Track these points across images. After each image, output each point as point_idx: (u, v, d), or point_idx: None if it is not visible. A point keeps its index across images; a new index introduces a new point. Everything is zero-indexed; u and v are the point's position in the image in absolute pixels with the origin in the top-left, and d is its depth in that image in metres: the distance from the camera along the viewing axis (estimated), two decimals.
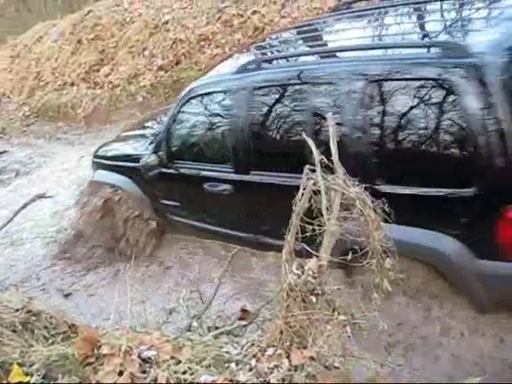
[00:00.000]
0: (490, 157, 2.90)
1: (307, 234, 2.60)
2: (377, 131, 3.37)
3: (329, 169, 2.71)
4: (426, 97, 3.14)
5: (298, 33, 4.92)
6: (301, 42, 4.60)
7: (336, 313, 2.44)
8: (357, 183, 2.68)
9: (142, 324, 3.12)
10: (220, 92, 4.49)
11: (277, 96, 4.00)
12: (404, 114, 3.23)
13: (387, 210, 2.64)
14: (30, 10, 17.26)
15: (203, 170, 4.58)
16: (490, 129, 2.86)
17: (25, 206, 6.14)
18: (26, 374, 2.50)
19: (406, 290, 3.42)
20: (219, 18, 9.44)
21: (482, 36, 3.22)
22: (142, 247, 5.37)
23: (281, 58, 4.37)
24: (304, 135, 3.01)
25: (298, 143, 3.57)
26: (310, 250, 2.51)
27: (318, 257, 2.50)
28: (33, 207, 6.41)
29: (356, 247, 2.66)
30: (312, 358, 2.36)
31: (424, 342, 3.28)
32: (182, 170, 4.78)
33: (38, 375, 2.50)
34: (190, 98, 4.68)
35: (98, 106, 10.59)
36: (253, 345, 2.55)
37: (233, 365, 2.44)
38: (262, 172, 4.07)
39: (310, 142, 2.78)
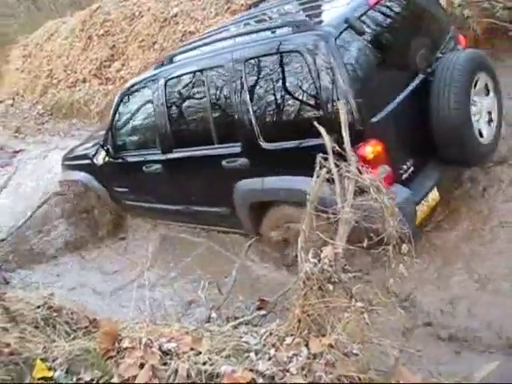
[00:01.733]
0: (335, 111, 3.45)
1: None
2: (256, 101, 4.03)
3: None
4: (288, 66, 3.86)
5: (211, 31, 5.52)
6: (208, 38, 4.97)
7: (353, 300, 2.44)
8: None
9: (162, 316, 3.14)
10: (144, 87, 5.17)
11: (183, 84, 4.74)
12: (274, 84, 3.94)
13: None
14: (39, 9, 17.31)
15: (141, 155, 5.33)
16: (333, 89, 3.52)
17: (44, 201, 6.56)
18: (50, 369, 2.54)
19: None
20: (228, 8, 9.37)
21: (326, 16, 4.06)
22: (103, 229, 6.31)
23: (184, 51, 4.91)
24: (316, 124, 3.05)
25: (203, 122, 4.53)
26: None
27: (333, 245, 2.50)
28: None
29: None
30: (331, 346, 2.36)
31: None
32: (125, 159, 5.54)
33: (61, 370, 2.53)
34: (124, 96, 5.49)
35: (110, 102, 10.59)
36: (271, 334, 2.56)
37: (252, 354, 2.45)
38: (181, 149, 4.80)
39: (322, 130, 2.78)
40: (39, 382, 2.47)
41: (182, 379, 2.33)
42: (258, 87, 4.04)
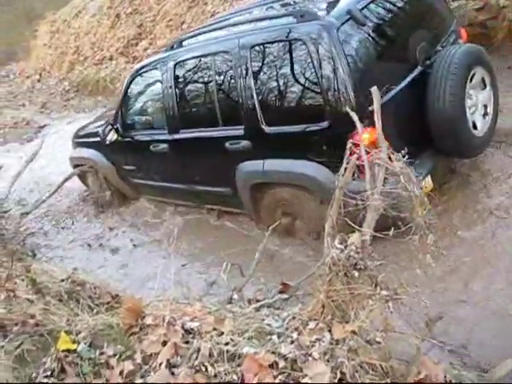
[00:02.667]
0: (335, 99, 3.72)
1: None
2: (260, 86, 4.20)
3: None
4: (291, 54, 3.99)
5: (217, 18, 5.62)
6: (217, 24, 5.06)
7: (378, 288, 2.42)
8: None
9: (184, 295, 3.16)
10: (154, 69, 5.31)
11: (191, 68, 4.90)
12: (277, 71, 4.10)
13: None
14: None
15: (148, 135, 5.49)
16: (334, 77, 3.70)
17: (68, 178, 6.73)
18: (73, 342, 2.57)
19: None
20: None
21: (329, 7, 4.09)
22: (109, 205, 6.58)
23: (194, 35, 5.05)
24: (347, 109, 3.03)
25: (209, 104, 4.71)
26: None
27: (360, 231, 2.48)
28: None
29: None
30: (354, 333, 2.35)
31: None
32: (134, 138, 5.68)
33: (85, 343, 2.56)
34: (135, 77, 5.64)
35: None
36: (294, 318, 2.56)
37: (274, 337, 2.46)
38: (187, 130, 4.97)
39: (353, 114, 2.75)
40: (63, 353, 2.50)
41: (204, 358, 2.35)
42: (262, 73, 4.20)
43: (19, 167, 6.39)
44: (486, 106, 4.29)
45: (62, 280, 3.53)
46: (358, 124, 2.67)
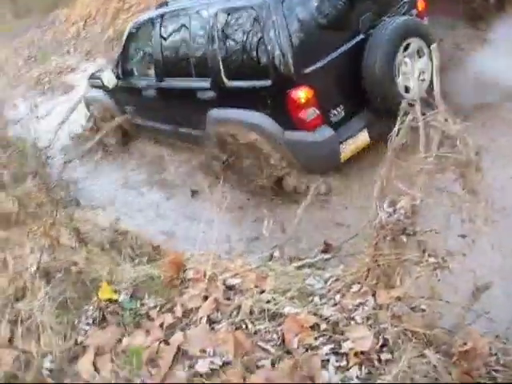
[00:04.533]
0: (277, 60, 4.35)
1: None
2: (222, 46, 4.83)
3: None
4: (245, 20, 4.62)
5: None
6: None
7: (426, 255, 2.33)
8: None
9: (226, 251, 3.14)
10: (147, 23, 6.11)
11: (174, 24, 5.61)
12: (235, 34, 4.75)
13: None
14: None
15: (142, 80, 6.33)
16: (276, 42, 4.31)
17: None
18: (115, 292, 2.59)
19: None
20: None
21: None
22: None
23: None
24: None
25: (187, 58, 5.39)
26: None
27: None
28: None
29: None
30: (398, 299, 2.30)
31: None
32: (130, 83, 6.49)
33: (126, 294, 2.58)
34: (132, 29, 6.43)
35: None
36: (337, 280, 2.51)
37: (316, 298, 2.42)
38: (170, 78, 5.75)
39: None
40: (105, 303, 2.52)
41: (244, 315, 2.33)
42: (223, 35, 4.83)
43: (63, 115, 6.43)
44: (423, 73, 4.70)
45: (105, 229, 3.56)
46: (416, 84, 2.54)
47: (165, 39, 5.75)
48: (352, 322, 2.24)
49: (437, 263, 2.31)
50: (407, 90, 4.53)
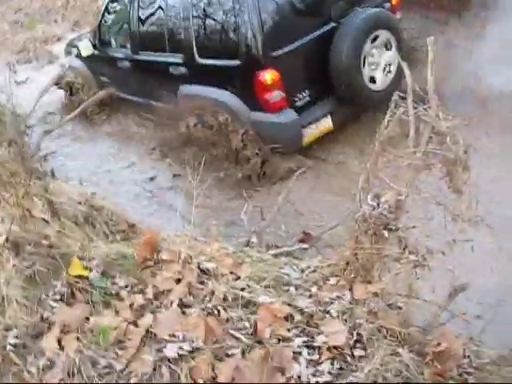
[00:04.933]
0: (246, 42, 4.56)
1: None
2: (196, 24, 5.02)
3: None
4: (221, 0, 4.79)
5: None
6: None
7: (407, 251, 2.29)
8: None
9: (202, 234, 3.07)
10: None
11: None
12: (208, 14, 4.92)
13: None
14: None
15: (117, 52, 6.36)
16: (248, 25, 4.50)
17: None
18: (86, 268, 2.50)
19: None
20: None
21: None
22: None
23: None
24: (400, 60, 2.85)
25: (161, 33, 5.49)
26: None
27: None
28: None
29: None
30: (375, 294, 2.26)
31: None
32: (106, 54, 6.52)
33: (97, 271, 2.49)
34: (110, 1, 6.44)
35: None
36: (314, 271, 2.46)
37: (292, 288, 2.37)
38: (145, 52, 5.84)
39: (405, 66, 2.56)
40: (74, 279, 2.43)
41: (217, 301, 2.27)
42: (197, 14, 5.00)
43: (46, 84, 6.27)
44: (390, 65, 4.87)
45: (80, 203, 3.46)
46: (407, 73, 2.47)
47: (142, 11, 5.82)
48: (327, 316, 2.19)
49: (417, 261, 2.27)
50: (373, 80, 4.78)
